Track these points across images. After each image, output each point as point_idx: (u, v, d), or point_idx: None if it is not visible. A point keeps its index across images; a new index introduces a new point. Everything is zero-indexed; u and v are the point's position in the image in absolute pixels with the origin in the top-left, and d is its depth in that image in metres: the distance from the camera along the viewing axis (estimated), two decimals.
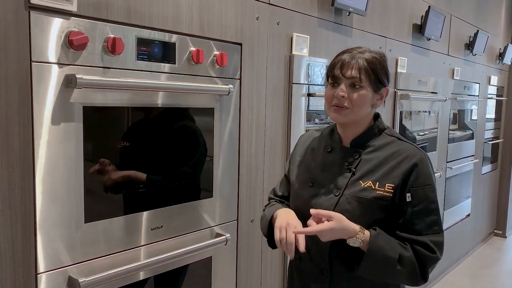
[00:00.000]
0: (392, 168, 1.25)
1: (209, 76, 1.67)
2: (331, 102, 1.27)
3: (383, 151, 1.29)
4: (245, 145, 1.87)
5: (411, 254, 1.20)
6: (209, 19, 1.66)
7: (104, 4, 1.33)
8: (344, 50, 1.30)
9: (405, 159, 1.25)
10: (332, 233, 1.19)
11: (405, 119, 3.06)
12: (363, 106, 1.26)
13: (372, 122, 1.33)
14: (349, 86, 1.25)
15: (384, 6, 2.77)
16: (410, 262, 1.20)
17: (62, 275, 1.30)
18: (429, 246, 1.21)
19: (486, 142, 4.77)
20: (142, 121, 1.51)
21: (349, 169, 1.28)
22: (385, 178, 1.24)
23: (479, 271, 4.25)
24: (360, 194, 1.24)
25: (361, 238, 1.19)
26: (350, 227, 1.19)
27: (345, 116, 1.26)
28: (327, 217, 1.19)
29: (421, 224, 1.22)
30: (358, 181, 1.26)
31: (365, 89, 1.25)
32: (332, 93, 1.27)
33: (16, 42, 1.15)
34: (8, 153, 1.16)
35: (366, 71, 1.24)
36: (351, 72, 1.24)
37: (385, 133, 1.33)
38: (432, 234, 1.23)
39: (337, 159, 1.32)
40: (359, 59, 1.25)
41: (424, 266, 1.21)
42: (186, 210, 1.66)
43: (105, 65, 1.34)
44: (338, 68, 1.25)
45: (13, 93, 1.15)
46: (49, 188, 1.25)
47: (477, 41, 4.01)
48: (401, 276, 1.21)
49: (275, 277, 2.11)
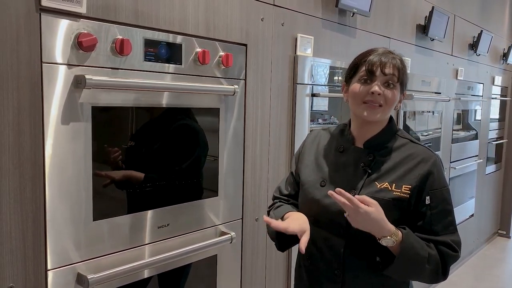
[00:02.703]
0: (408, 170, 1.25)
1: (214, 76, 1.69)
2: (364, 98, 1.25)
3: (398, 153, 1.29)
4: (249, 145, 1.89)
5: (436, 252, 1.22)
6: (215, 21, 1.68)
7: (113, 6, 1.36)
8: (373, 49, 1.29)
9: (421, 162, 1.26)
10: (367, 220, 1.15)
11: (409, 119, 3.07)
12: (393, 105, 1.27)
13: (386, 123, 1.33)
14: (383, 84, 1.24)
15: (388, 7, 2.79)
16: (435, 260, 1.22)
17: (72, 271, 1.33)
18: (451, 245, 1.24)
19: (490, 142, 4.76)
20: (149, 121, 1.53)
21: (365, 170, 1.28)
22: (401, 179, 1.25)
23: (482, 271, 4.25)
24: (377, 195, 1.23)
25: (395, 238, 1.17)
26: (388, 223, 1.17)
27: (377, 114, 1.25)
28: (369, 204, 1.15)
29: (438, 225, 1.24)
30: (374, 182, 1.26)
31: (396, 89, 1.26)
32: (365, 89, 1.25)
33: (27, 44, 1.17)
34: (20, 152, 1.19)
35: (399, 72, 1.25)
36: (390, 70, 1.24)
37: (398, 135, 1.33)
38: (450, 234, 1.25)
39: (350, 159, 1.31)
40: (394, 59, 1.25)
41: (446, 264, 1.24)
42: (191, 208, 1.68)
43: (113, 66, 1.37)
44: (377, 65, 1.24)
45: (24, 94, 1.18)
46: (59, 186, 1.28)
47: (481, 41, 4.01)
48: (426, 273, 1.22)
49: (280, 276, 2.13)
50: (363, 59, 1.27)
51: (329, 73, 2.29)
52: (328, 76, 2.29)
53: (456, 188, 3.92)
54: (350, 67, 1.32)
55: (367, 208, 1.14)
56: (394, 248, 1.19)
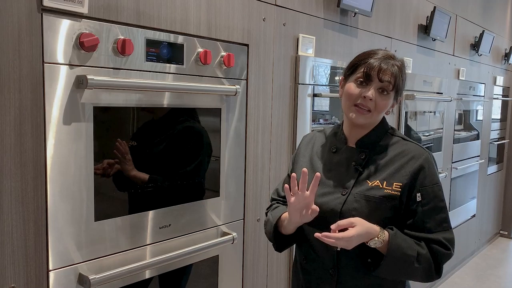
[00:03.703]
0: (399, 167, 1.26)
1: (216, 76, 1.69)
2: (355, 101, 1.26)
3: (389, 151, 1.30)
4: (251, 145, 1.89)
5: (427, 251, 1.22)
6: (217, 21, 1.68)
7: (114, 6, 1.36)
8: (374, 52, 1.28)
9: (412, 159, 1.27)
10: (359, 238, 1.18)
11: (410, 119, 3.06)
12: (383, 112, 1.28)
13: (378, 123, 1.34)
14: (377, 90, 1.25)
15: (390, 7, 2.78)
16: (426, 259, 1.22)
17: (73, 272, 1.33)
18: (443, 243, 1.24)
19: (491, 142, 4.75)
20: (151, 121, 1.53)
21: (356, 168, 1.29)
22: (392, 177, 1.26)
23: (484, 272, 4.24)
24: (368, 193, 1.25)
25: (382, 238, 1.19)
26: (372, 228, 1.19)
27: (365, 119, 1.27)
28: (348, 225, 1.18)
29: (431, 222, 1.24)
30: (365, 180, 1.27)
31: (390, 96, 1.27)
32: (358, 92, 1.25)
33: (29, 44, 1.17)
34: (21, 153, 1.18)
35: (396, 79, 1.25)
36: (387, 78, 1.24)
37: (389, 133, 1.34)
38: (443, 231, 1.25)
39: (343, 159, 1.33)
40: (393, 66, 1.25)
41: (439, 262, 1.24)
42: (193, 209, 1.68)
43: (115, 66, 1.37)
44: (376, 70, 1.24)
45: (26, 94, 1.18)
46: (60, 186, 1.27)
47: (482, 42, 4.00)
48: (417, 273, 1.22)
49: (281, 276, 2.13)
50: (363, 60, 1.27)
51: (330, 73, 2.29)
52: (330, 76, 2.29)
53: (458, 188, 3.92)
54: (350, 64, 1.32)
55: (354, 230, 1.17)
56: (382, 249, 1.21)
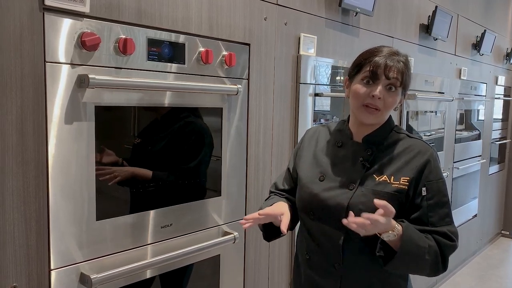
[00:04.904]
0: (406, 162, 1.27)
1: (217, 76, 1.69)
2: (364, 101, 1.26)
3: (395, 147, 1.31)
4: (252, 145, 1.89)
5: (434, 243, 1.23)
6: (218, 20, 1.68)
7: (116, 5, 1.36)
8: (378, 49, 1.28)
9: (418, 154, 1.28)
10: (383, 226, 1.14)
11: (412, 119, 3.06)
12: (391, 109, 1.28)
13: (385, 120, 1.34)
14: (384, 87, 1.24)
15: (391, 6, 2.78)
16: (434, 251, 1.22)
17: (75, 271, 1.33)
18: (448, 235, 1.25)
19: (493, 142, 4.75)
20: (153, 120, 1.53)
21: (363, 164, 1.29)
22: (399, 171, 1.27)
23: (486, 272, 4.24)
24: (376, 188, 1.26)
25: (396, 232, 1.18)
26: (392, 221, 1.17)
27: (375, 119, 1.27)
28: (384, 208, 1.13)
29: (435, 216, 1.25)
30: (372, 175, 1.28)
31: (397, 93, 1.27)
32: (367, 92, 1.25)
33: (30, 43, 1.17)
34: (23, 152, 1.19)
35: (403, 76, 1.25)
36: (394, 74, 1.24)
37: (395, 130, 1.35)
38: (446, 225, 1.26)
39: (349, 153, 1.33)
40: (398, 62, 1.25)
41: (445, 255, 1.24)
42: (194, 208, 1.68)
43: (116, 65, 1.37)
44: (382, 68, 1.23)
45: (28, 93, 1.18)
46: (62, 186, 1.27)
47: (484, 41, 4.00)
48: (427, 265, 1.22)
49: (283, 275, 2.13)
50: (368, 59, 1.27)
51: (332, 73, 2.29)
52: (331, 75, 2.29)
53: (459, 188, 3.91)
54: (354, 64, 1.32)
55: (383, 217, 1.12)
56: (394, 242, 1.20)
